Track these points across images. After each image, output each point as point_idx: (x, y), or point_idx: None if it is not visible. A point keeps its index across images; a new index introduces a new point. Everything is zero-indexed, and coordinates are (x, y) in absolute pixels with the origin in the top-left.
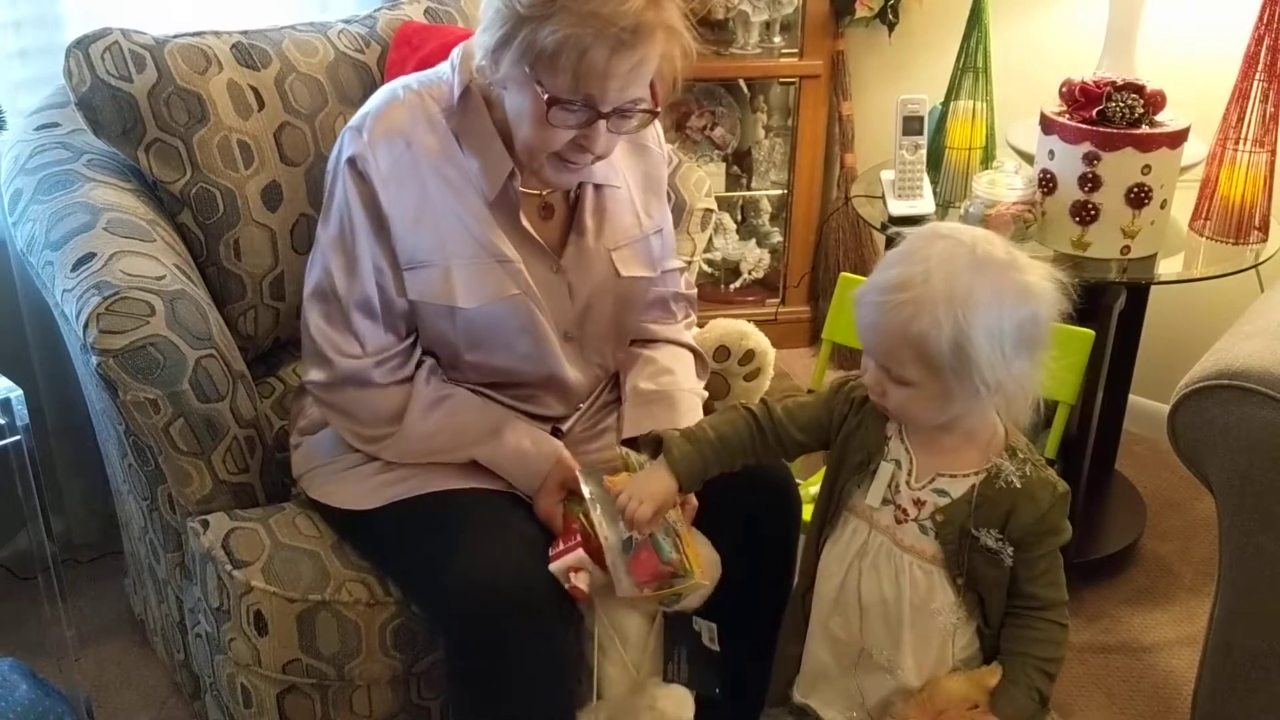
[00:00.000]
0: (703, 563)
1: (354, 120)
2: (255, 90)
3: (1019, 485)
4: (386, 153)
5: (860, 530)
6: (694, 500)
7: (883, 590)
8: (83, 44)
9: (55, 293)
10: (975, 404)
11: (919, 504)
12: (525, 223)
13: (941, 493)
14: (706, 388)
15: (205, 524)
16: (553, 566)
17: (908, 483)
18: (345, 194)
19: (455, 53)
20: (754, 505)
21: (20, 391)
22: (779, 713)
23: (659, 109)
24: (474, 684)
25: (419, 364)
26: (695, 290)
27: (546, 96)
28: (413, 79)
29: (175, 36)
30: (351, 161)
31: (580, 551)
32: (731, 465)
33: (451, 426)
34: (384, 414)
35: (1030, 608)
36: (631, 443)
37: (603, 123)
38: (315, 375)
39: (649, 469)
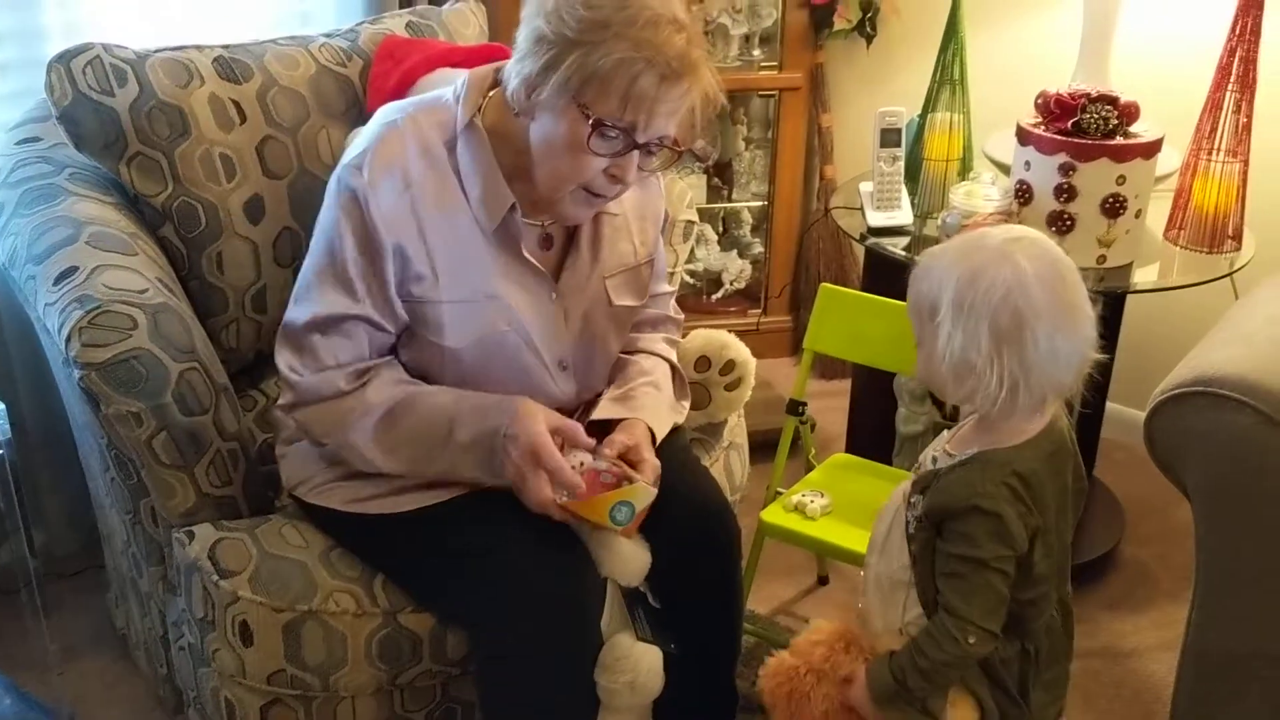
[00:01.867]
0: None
1: (352, 157)
2: (237, 104)
3: (944, 471)
4: (387, 191)
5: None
6: (656, 461)
7: (879, 527)
8: (64, 58)
9: (37, 306)
10: (942, 371)
11: (923, 465)
12: (526, 252)
13: (934, 461)
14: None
15: (191, 534)
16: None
17: (936, 448)
18: (340, 226)
19: (460, 82)
20: (691, 534)
21: (2, 405)
22: None
23: (683, 149)
24: (512, 667)
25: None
26: (682, 316)
27: (592, 119)
28: (411, 105)
29: (157, 51)
30: (352, 197)
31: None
32: None
33: (403, 446)
34: (341, 421)
35: (939, 603)
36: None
37: (636, 153)
38: (285, 397)
39: None
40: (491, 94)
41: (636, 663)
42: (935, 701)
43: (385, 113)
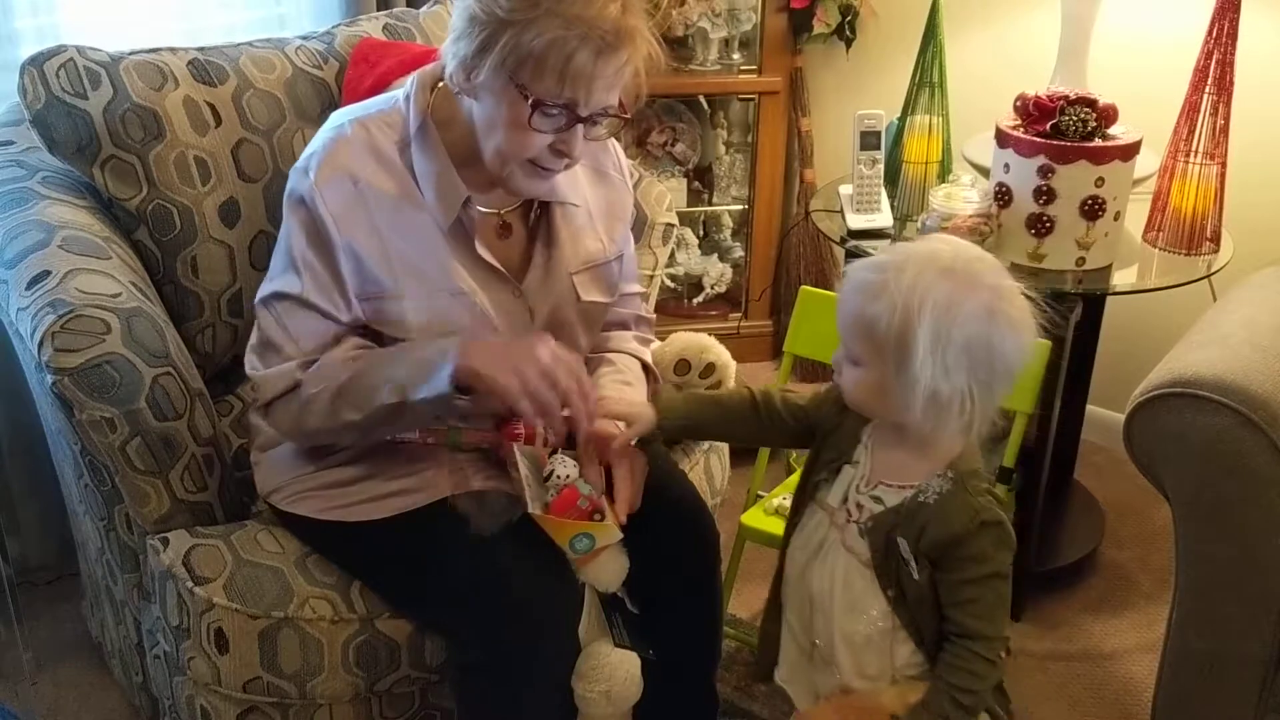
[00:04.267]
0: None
1: (300, 161)
2: (212, 106)
3: (933, 502)
4: (334, 191)
5: (822, 525)
6: (643, 460)
7: (824, 585)
8: (37, 61)
9: (9, 311)
10: (909, 404)
11: (860, 508)
12: (482, 251)
13: (878, 500)
14: None
15: (165, 541)
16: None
17: (858, 486)
18: (292, 232)
19: (409, 83)
20: (670, 538)
21: None
22: (766, 691)
23: (628, 116)
24: (487, 675)
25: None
26: (654, 316)
27: (531, 100)
28: (360, 110)
29: (131, 53)
30: (299, 200)
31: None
32: (722, 431)
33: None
34: (300, 407)
35: (956, 634)
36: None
37: (580, 126)
38: (256, 399)
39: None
40: (440, 85)
41: (613, 671)
42: None
43: (334, 118)
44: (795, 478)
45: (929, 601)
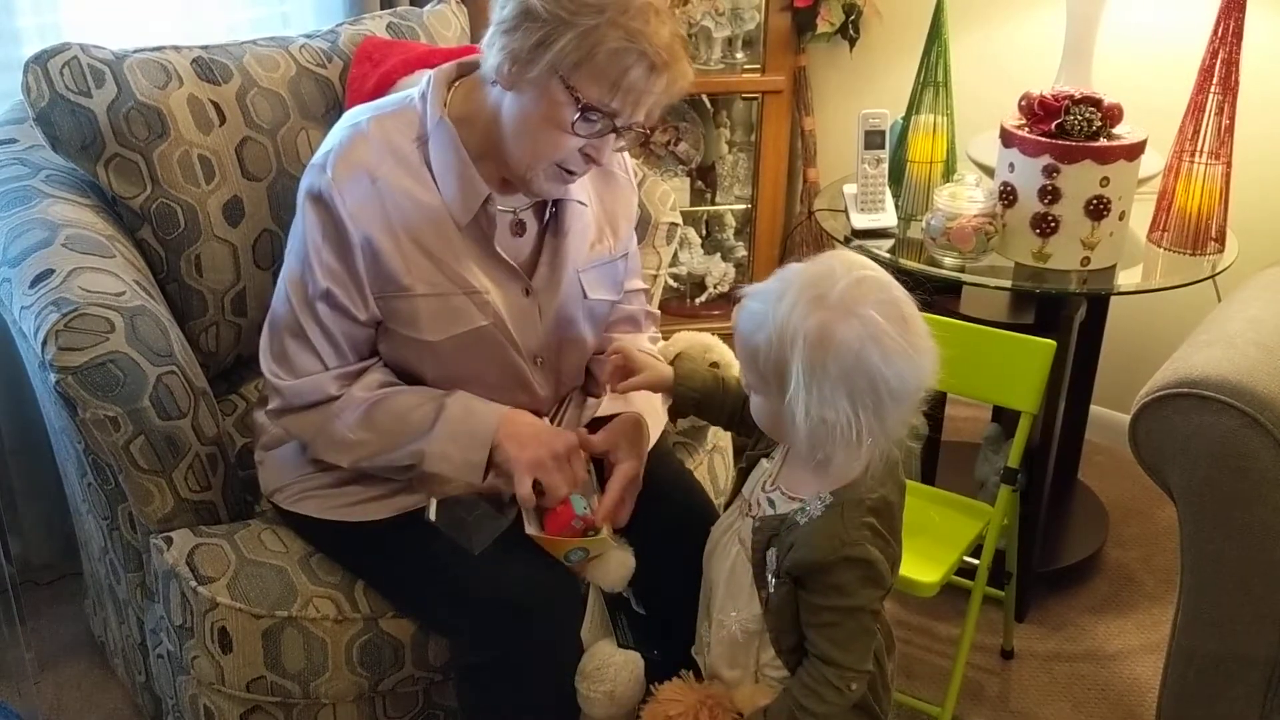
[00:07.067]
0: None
1: (317, 157)
2: (216, 105)
3: (803, 524)
4: (352, 188)
5: (735, 511)
6: (638, 476)
7: (721, 569)
8: (41, 59)
9: (13, 310)
10: (797, 430)
11: (758, 504)
12: (499, 248)
13: (771, 503)
14: None
15: (169, 540)
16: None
17: (764, 484)
18: (308, 228)
19: (425, 81)
20: (675, 538)
21: None
22: None
23: (649, 130)
24: (490, 675)
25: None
26: (658, 312)
27: (581, 104)
28: (375, 109)
29: (135, 51)
30: (315, 197)
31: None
32: (724, 420)
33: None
34: (325, 423)
35: (811, 652)
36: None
37: (613, 135)
38: (273, 403)
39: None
40: (457, 84)
41: (617, 671)
42: None
43: (350, 116)
44: None
45: (787, 615)
